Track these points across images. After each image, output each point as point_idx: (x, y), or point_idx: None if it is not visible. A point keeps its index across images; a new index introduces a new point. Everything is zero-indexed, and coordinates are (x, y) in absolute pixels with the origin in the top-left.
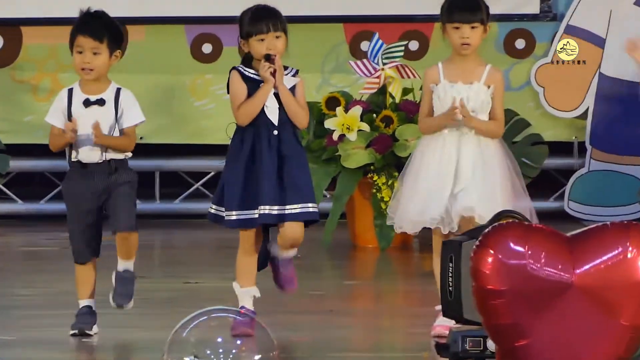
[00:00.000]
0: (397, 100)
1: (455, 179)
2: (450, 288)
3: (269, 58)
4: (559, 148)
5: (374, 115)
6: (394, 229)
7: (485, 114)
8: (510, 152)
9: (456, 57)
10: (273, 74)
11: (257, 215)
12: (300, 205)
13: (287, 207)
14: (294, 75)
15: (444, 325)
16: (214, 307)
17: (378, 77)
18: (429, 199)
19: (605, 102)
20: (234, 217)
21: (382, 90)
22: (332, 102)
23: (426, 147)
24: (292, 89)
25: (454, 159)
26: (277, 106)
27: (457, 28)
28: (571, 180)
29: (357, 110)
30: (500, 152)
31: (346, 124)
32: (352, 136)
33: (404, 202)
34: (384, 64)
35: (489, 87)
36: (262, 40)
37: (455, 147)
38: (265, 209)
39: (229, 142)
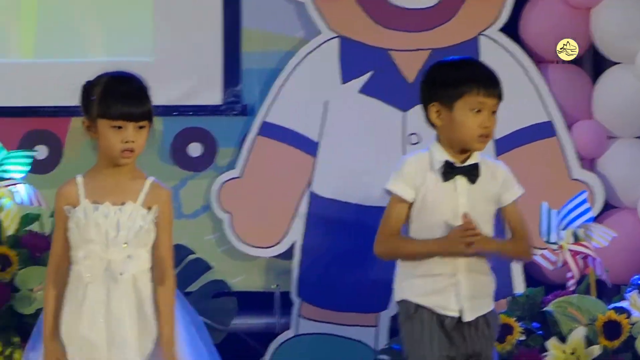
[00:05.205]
0: (13, 231)
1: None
2: None
3: None
4: (254, 301)
5: None
6: None
7: (145, 246)
8: (189, 305)
9: (105, 168)
10: None
11: None
12: None
13: None
14: None
15: None
16: None
17: None
18: None
19: (319, 234)
20: None
21: None
22: None
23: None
24: None
25: (102, 325)
26: None
27: (119, 127)
28: (271, 348)
29: None
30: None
31: None
32: None
33: None
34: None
35: (149, 209)
36: None
37: (104, 304)
38: None
39: None
